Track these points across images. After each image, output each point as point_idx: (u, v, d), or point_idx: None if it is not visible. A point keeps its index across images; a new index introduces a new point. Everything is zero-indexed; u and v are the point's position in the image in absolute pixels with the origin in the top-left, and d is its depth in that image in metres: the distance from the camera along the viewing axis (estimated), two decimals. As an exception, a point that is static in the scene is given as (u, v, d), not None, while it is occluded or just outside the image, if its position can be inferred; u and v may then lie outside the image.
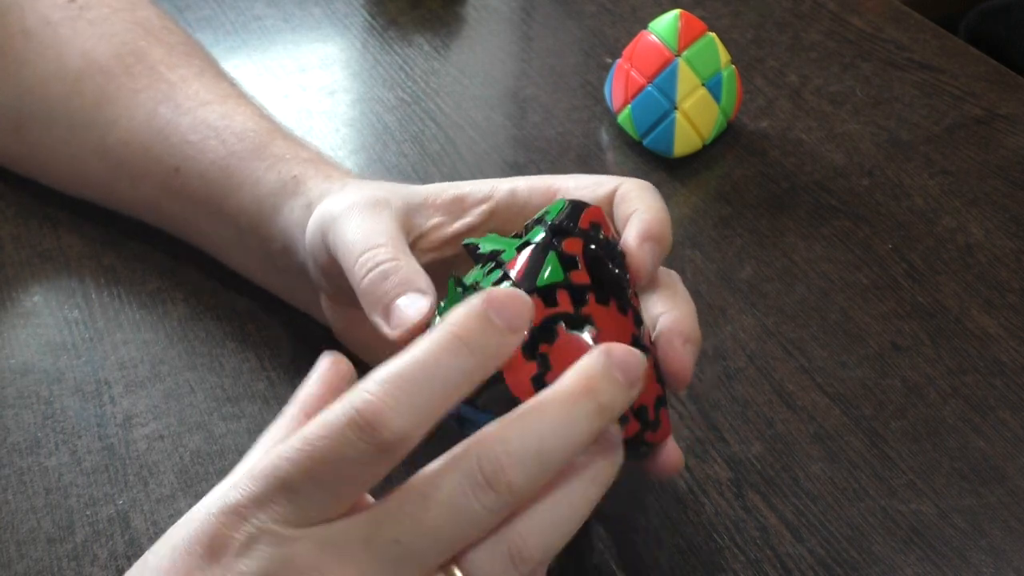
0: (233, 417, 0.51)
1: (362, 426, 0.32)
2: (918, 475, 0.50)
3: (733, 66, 0.68)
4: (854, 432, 0.52)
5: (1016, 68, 0.78)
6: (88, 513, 0.47)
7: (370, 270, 0.43)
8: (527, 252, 0.39)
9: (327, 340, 0.53)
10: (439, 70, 0.76)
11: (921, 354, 0.56)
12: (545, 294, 0.38)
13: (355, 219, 0.45)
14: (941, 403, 0.53)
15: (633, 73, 0.67)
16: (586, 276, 0.39)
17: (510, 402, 0.35)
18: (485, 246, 0.41)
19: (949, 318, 0.58)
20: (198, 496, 0.47)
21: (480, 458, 0.33)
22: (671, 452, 0.42)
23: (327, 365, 0.39)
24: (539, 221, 0.41)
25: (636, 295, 0.42)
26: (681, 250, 0.62)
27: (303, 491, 0.33)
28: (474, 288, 0.39)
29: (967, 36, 1.31)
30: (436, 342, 0.33)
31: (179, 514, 0.35)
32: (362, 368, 0.52)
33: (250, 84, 0.73)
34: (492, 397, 0.36)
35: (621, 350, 0.35)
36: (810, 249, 0.62)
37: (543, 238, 0.39)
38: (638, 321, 0.40)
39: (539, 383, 0.37)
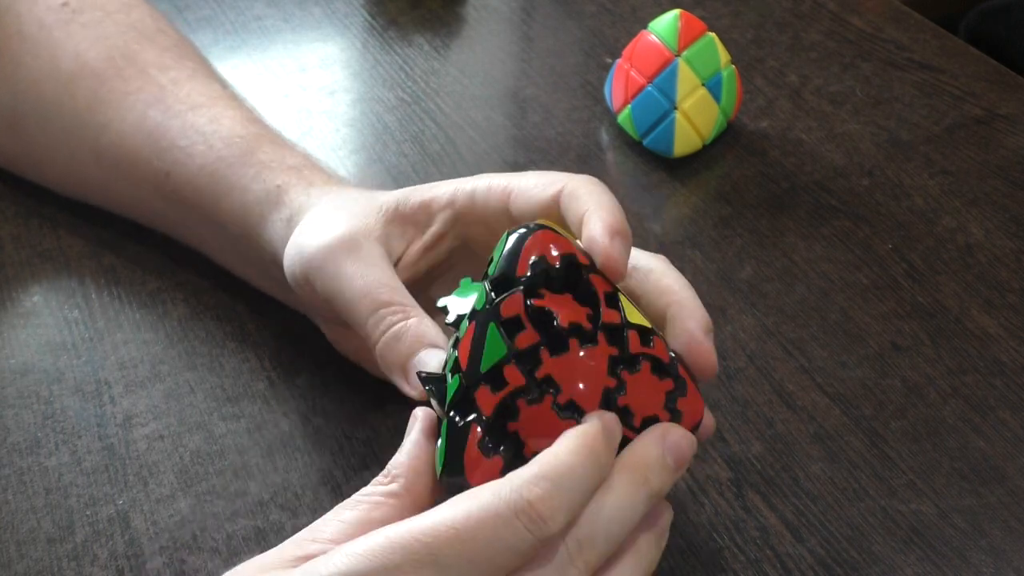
0: (233, 417, 0.51)
1: (533, 518, 0.34)
2: (918, 475, 0.50)
3: (733, 66, 0.68)
4: (854, 432, 0.52)
5: (1016, 68, 0.78)
6: (88, 513, 0.47)
7: (383, 332, 0.43)
8: (469, 333, 0.39)
9: (327, 340, 0.53)
10: (439, 70, 0.76)
11: (921, 354, 0.56)
12: (492, 378, 0.38)
13: (347, 268, 0.45)
14: (941, 403, 0.53)
15: (633, 73, 0.67)
16: (534, 334, 0.38)
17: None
18: (452, 310, 0.41)
19: (949, 318, 0.58)
20: (198, 496, 0.48)
21: (571, 554, 0.36)
22: (699, 353, 0.42)
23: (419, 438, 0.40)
24: (485, 276, 0.40)
25: (615, 294, 0.40)
26: (681, 250, 0.62)
27: (453, 568, 0.34)
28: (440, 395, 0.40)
29: (967, 36, 1.31)
30: (572, 450, 0.36)
31: (179, 514, 0.35)
32: (360, 373, 0.52)
33: (250, 84, 0.73)
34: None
35: (676, 435, 0.39)
36: (810, 249, 0.62)
37: (484, 310, 0.39)
38: (616, 339, 0.39)
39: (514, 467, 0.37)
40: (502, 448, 0.38)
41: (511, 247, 0.40)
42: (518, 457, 0.37)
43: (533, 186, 0.45)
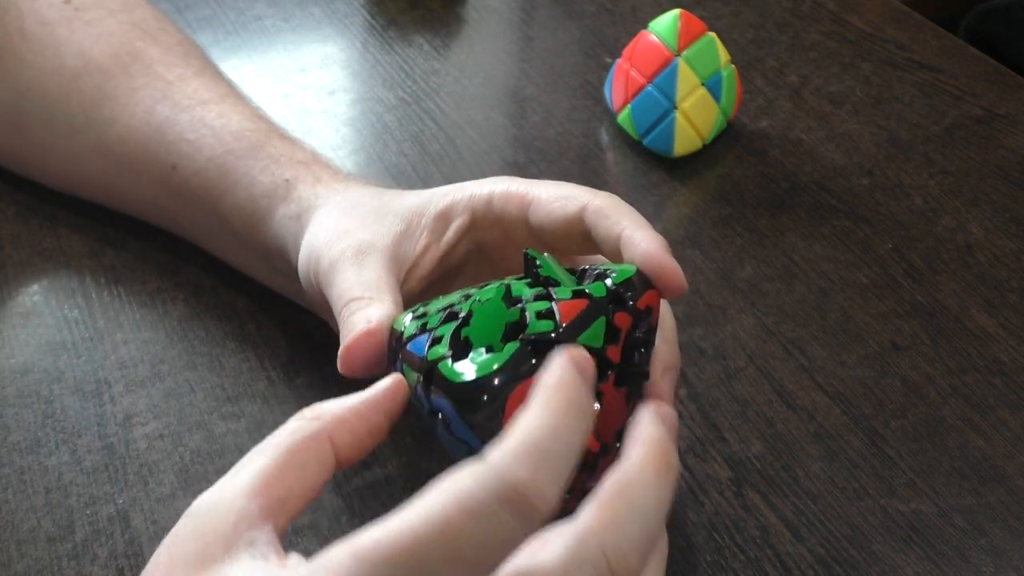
0: (233, 417, 0.51)
1: (520, 504, 0.30)
2: (918, 474, 0.50)
3: (733, 66, 0.68)
4: (854, 432, 0.52)
5: (1016, 68, 0.78)
6: (88, 512, 0.47)
7: (344, 322, 0.43)
8: (582, 305, 0.38)
9: (327, 340, 0.53)
10: (439, 70, 0.76)
11: (921, 354, 0.56)
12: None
13: (344, 271, 0.45)
14: (941, 403, 0.53)
15: (633, 73, 0.67)
16: (619, 355, 0.39)
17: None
18: (544, 268, 0.41)
19: (949, 318, 0.58)
20: (198, 495, 0.47)
21: (605, 549, 0.32)
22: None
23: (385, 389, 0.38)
24: (601, 276, 0.40)
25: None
26: (681, 250, 0.62)
27: (440, 574, 0.30)
28: (517, 301, 0.39)
29: (967, 36, 1.31)
30: (553, 407, 0.32)
31: (179, 513, 0.35)
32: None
33: (250, 84, 0.73)
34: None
35: (670, 416, 0.35)
36: (810, 249, 0.62)
37: (602, 300, 0.39)
38: (630, 411, 0.40)
39: None
40: None
41: (639, 282, 0.40)
42: None
43: (554, 198, 0.45)
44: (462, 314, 0.40)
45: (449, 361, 0.38)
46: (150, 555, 0.45)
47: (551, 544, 0.31)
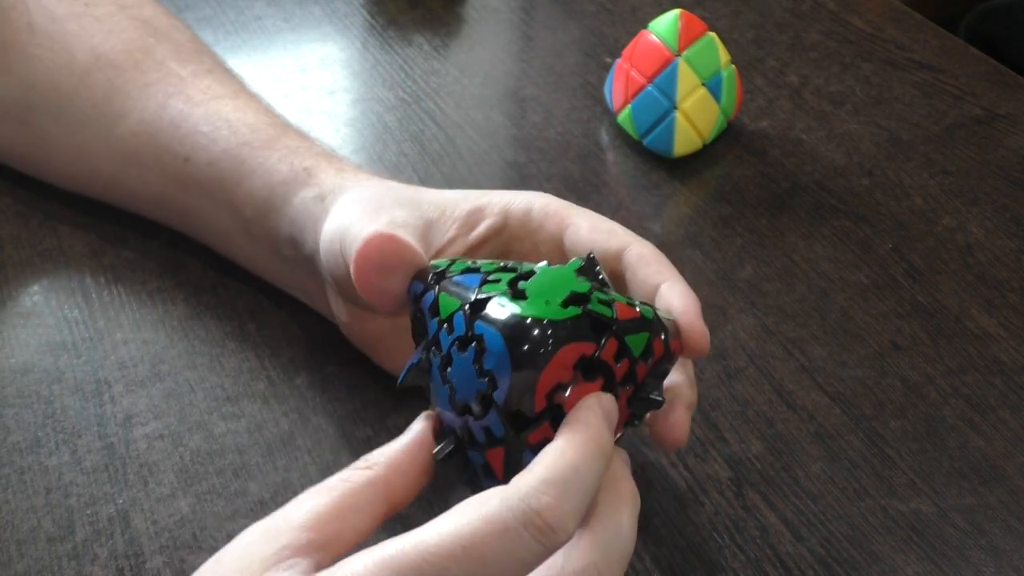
0: (233, 417, 0.51)
1: (543, 529, 0.33)
2: (918, 474, 0.50)
3: (733, 66, 0.68)
4: (854, 432, 0.52)
5: (1016, 68, 0.78)
6: (88, 512, 0.47)
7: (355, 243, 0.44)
8: (635, 313, 0.39)
9: (327, 340, 0.54)
10: (439, 70, 0.76)
11: (921, 354, 0.56)
12: (621, 350, 0.38)
13: (371, 228, 0.45)
14: (941, 403, 0.53)
15: (633, 73, 0.67)
16: (643, 375, 0.39)
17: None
18: (603, 275, 0.41)
19: (949, 318, 0.58)
20: (198, 495, 0.48)
21: (599, 570, 0.35)
22: (674, 427, 0.42)
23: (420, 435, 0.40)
24: (648, 305, 0.41)
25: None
26: (681, 250, 0.62)
27: None
28: (582, 301, 0.39)
29: (967, 36, 1.31)
30: (578, 445, 0.35)
31: (179, 513, 0.35)
32: (360, 372, 0.52)
33: (250, 84, 0.73)
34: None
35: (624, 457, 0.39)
36: (810, 249, 0.62)
37: (651, 321, 0.40)
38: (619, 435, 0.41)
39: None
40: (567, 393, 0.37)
41: (672, 328, 0.41)
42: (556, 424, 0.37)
43: (595, 230, 0.45)
44: (521, 270, 0.40)
45: (509, 297, 0.38)
46: (150, 555, 0.45)
47: (556, 561, 0.35)
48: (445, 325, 0.39)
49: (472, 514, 0.33)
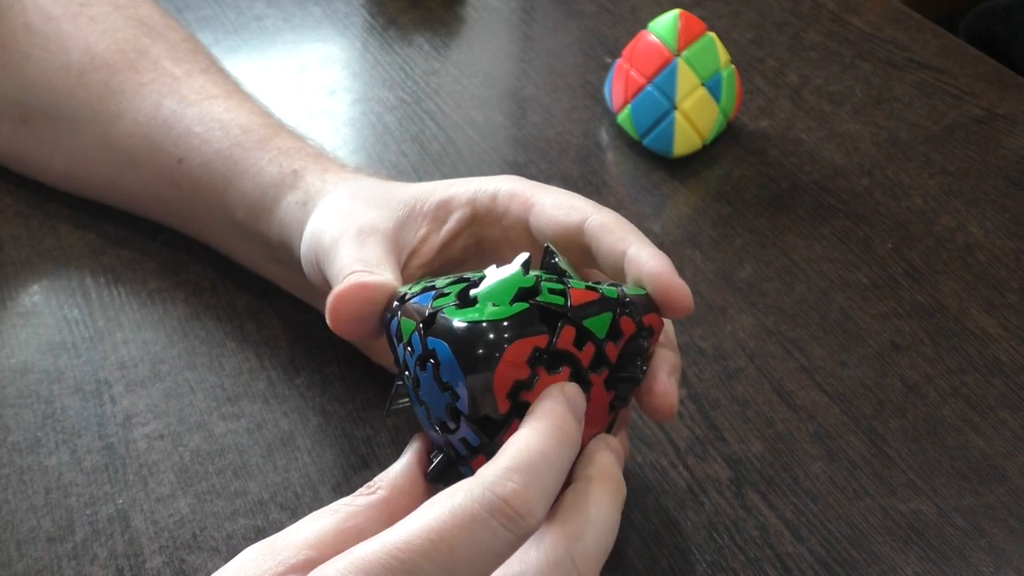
0: (233, 417, 0.51)
1: (510, 515, 0.33)
2: (918, 474, 0.50)
3: (733, 66, 0.68)
4: (854, 431, 0.52)
5: (1016, 68, 0.78)
6: (88, 512, 0.47)
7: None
8: (593, 296, 0.39)
9: (327, 340, 0.54)
10: (439, 70, 0.76)
11: (921, 354, 0.56)
12: (581, 335, 0.38)
13: (345, 247, 0.45)
14: (941, 402, 0.53)
15: (633, 73, 0.67)
16: (616, 355, 0.39)
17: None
18: (561, 262, 0.42)
19: (949, 318, 0.58)
20: (198, 495, 0.48)
21: (575, 560, 0.35)
22: (660, 395, 0.42)
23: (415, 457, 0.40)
24: (614, 285, 0.41)
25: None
26: (681, 250, 0.62)
27: None
28: (531, 295, 0.39)
29: (967, 36, 1.31)
30: (543, 433, 0.35)
31: (179, 513, 0.35)
32: (360, 372, 0.52)
33: (250, 84, 0.72)
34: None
35: (619, 451, 0.40)
36: (810, 249, 0.62)
37: (612, 299, 0.39)
38: (612, 423, 0.41)
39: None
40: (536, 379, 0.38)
41: (647, 302, 0.41)
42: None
43: (556, 207, 0.45)
44: (473, 279, 0.40)
45: (454, 308, 0.38)
46: (150, 555, 0.45)
47: (528, 553, 0.35)
48: (408, 347, 0.39)
49: (439, 508, 0.33)
